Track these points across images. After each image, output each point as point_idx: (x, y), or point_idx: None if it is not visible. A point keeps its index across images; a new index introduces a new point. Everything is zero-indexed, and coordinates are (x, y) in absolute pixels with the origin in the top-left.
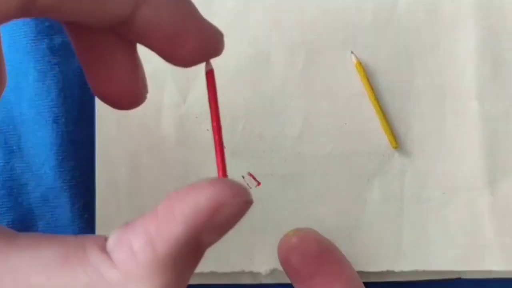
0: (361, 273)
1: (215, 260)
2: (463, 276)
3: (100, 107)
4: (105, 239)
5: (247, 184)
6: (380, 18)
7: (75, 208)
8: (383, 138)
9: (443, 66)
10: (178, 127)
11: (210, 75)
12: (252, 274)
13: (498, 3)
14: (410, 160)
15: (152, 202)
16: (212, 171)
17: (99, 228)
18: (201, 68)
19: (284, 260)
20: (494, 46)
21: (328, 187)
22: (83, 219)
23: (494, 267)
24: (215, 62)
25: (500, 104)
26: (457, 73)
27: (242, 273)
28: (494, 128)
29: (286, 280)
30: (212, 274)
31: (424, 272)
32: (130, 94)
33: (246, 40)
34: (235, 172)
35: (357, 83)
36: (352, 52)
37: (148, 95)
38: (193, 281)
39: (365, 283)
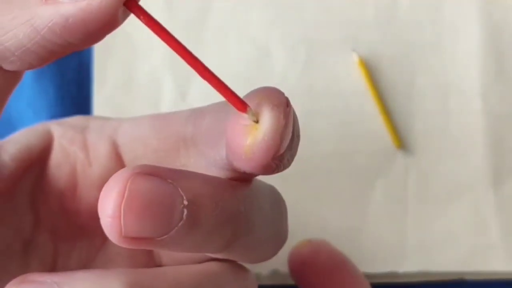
0: (364, 274)
1: None
2: (466, 277)
3: (98, 106)
4: None
5: None
6: (382, 15)
7: None
8: (386, 138)
9: (446, 64)
10: None
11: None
12: None
13: (501, 0)
14: (414, 160)
15: None
16: None
17: None
18: None
19: (295, 272)
20: (498, 43)
21: (330, 187)
22: None
23: (499, 268)
24: (214, 61)
25: (504, 102)
26: (460, 71)
27: None
28: (498, 126)
29: (286, 281)
30: None
31: (428, 273)
32: None
33: (246, 38)
34: None
35: (359, 81)
36: (353, 50)
37: (147, 93)
38: None
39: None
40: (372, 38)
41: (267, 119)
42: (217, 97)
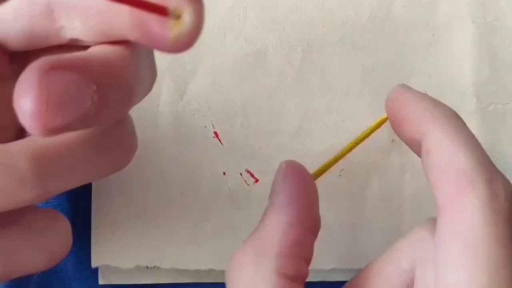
0: (359, 270)
1: (212, 258)
2: None
3: None
4: None
5: (245, 181)
6: (377, 16)
7: (75, 208)
8: (382, 135)
9: (440, 64)
10: (175, 124)
11: None
12: None
13: (495, 1)
14: (409, 157)
15: (148, 199)
16: (209, 168)
17: (95, 226)
18: (198, 64)
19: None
20: (491, 44)
21: (326, 184)
22: (83, 219)
23: None
24: (212, 61)
25: (498, 102)
26: (454, 71)
27: None
28: (492, 126)
29: None
30: (210, 271)
31: None
32: None
33: (243, 38)
34: (233, 168)
35: (355, 80)
36: (349, 51)
37: None
38: (190, 279)
39: None
40: (367, 38)
41: (191, 14)
42: (216, 97)
